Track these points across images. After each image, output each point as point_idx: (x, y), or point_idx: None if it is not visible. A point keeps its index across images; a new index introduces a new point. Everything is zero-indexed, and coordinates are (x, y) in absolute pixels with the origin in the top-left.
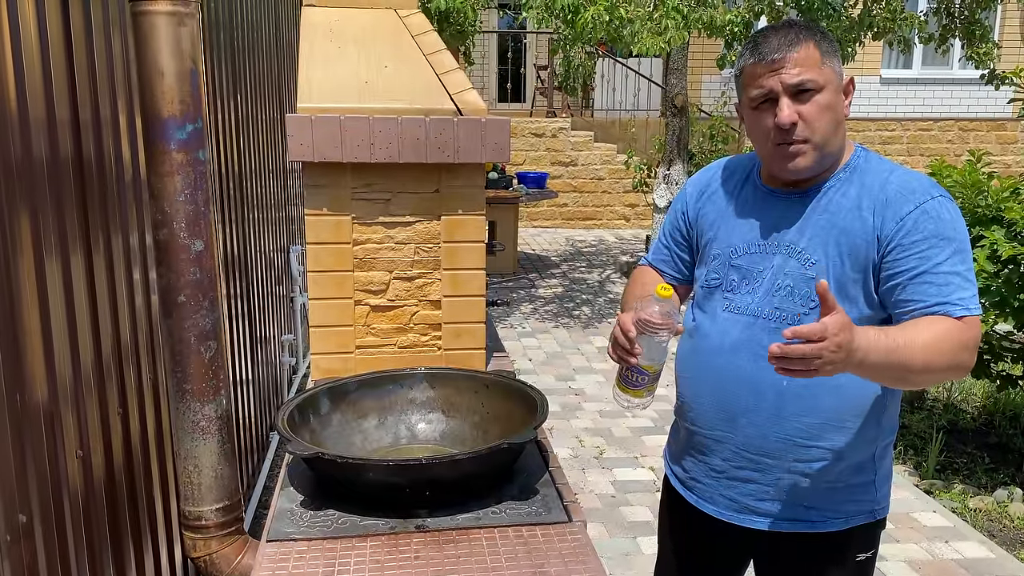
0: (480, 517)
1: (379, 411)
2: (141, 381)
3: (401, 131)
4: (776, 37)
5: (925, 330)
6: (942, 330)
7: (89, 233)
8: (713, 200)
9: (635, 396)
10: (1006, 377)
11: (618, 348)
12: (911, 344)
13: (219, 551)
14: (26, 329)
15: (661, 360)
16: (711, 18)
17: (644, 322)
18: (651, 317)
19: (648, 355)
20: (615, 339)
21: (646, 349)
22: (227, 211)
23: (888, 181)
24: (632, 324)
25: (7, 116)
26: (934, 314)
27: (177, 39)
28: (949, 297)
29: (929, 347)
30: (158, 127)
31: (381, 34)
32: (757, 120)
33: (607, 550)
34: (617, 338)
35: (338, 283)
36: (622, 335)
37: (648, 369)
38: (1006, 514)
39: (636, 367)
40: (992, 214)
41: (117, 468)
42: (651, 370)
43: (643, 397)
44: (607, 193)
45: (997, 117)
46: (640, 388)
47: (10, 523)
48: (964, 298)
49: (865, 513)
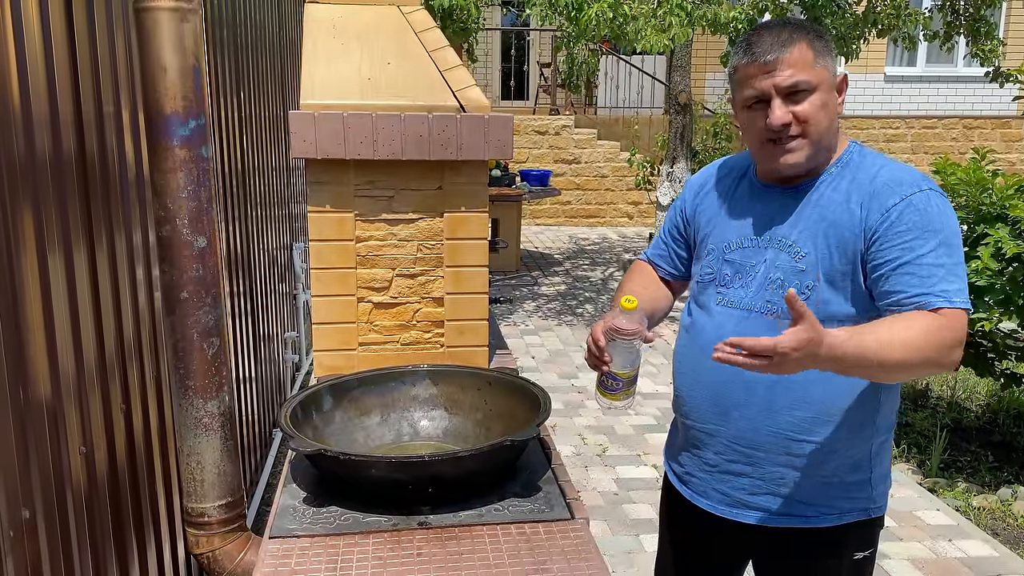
0: (483, 514)
1: (382, 408)
2: (144, 378)
3: (404, 128)
4: (769, 37)
5: (903, 329)
6: (920, 329)
7: (92, 229)
8: (710, 197)
9: (613, 400)
10: (1010, 375)
11: (591, 357)
12: (888, 345)
13: (222, 548)
14: (29, 325)
15: (634, 365)
16: (715, 15)
17: (613, 330)
18: (620, 325)
19: (619, 362)
20: (588, 347)
21: (617, 356)
22: (230, 208)
23: (877, 175)
24: (601, 333)
25: (10, 112)
26: (916, 305)
27: (180, 36)
28: (932, 288)
29: (907, 346)
30: (161, 123)
31: (384, 31)
32: (750, 119)
33: (610, 548)
34: (589, 347)
35: (341, 280)
36: (593, 344)
37: (621, 375)
38: (1010, 512)
39: (610, 373)
40: (996, 212)
41: (120, 464)
42: (624, 375)
43: (621, 400)
44: (610, 191)
45: (1002, 115)
46: (617, 392)
47: (14, 519)
48: (948, 291)
49: (860, 511)
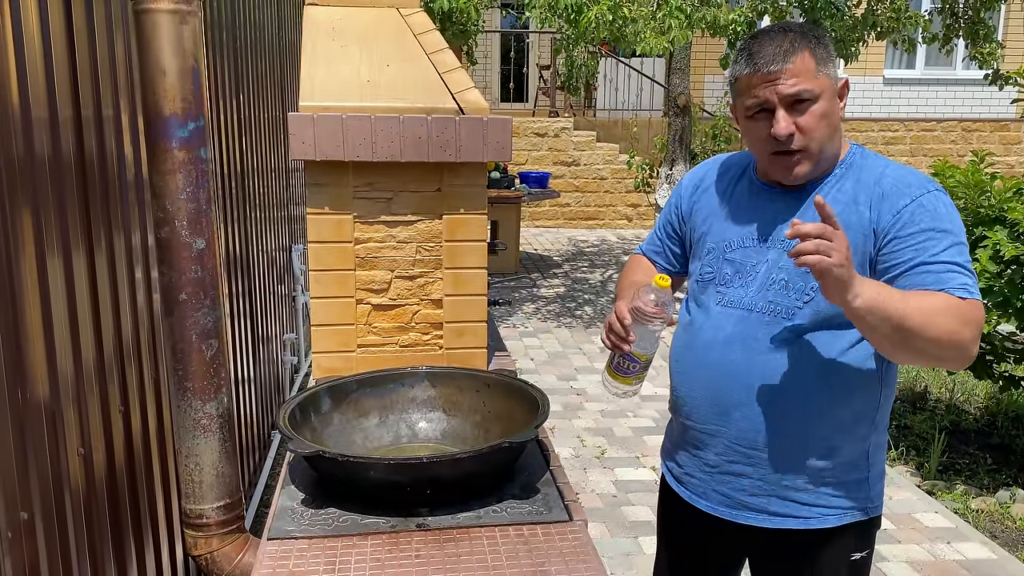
0: (481, 516)
1: (380, 410)
2: (142, 379)
3: (403, 130)
4: (771, 45)
5: (927, 296)
6: (943, 299)
7: (91, 231)
8: (708, 195)
9: (625, 383)
10: (1008, 378)
11: (612, 334)
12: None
13: (220, 549)
14: (28, 327)
15: (653, 349)
16: (714, 17)
17: (639, 310)
18: (646, 306)
19: (641, 343)
20: (610, 325)
21: (639, 337)
22: (229, 209)
23: (884, 176)
24: (628, 312)
25: (9, 114)
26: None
27: (179, 37)
28: (948, 284)
29: (928, 310)
30: (160, 125)
31: (383, 33)
32: (753, 128)
33: (608, 550)
34: (612, 324)
35: (340, 282)
36: (617, 322)
37: (640, 357)
38: (1008, 515)
39: (629, 354)
40: (995, 214)
41: (118, 466)
42: (642, 358)
43: (632, 384)
44: (609, 193)
45: (1000, 118)
46: (630, 376)
47: (11, 520)
48: (965, 284)
49: (859, 511)
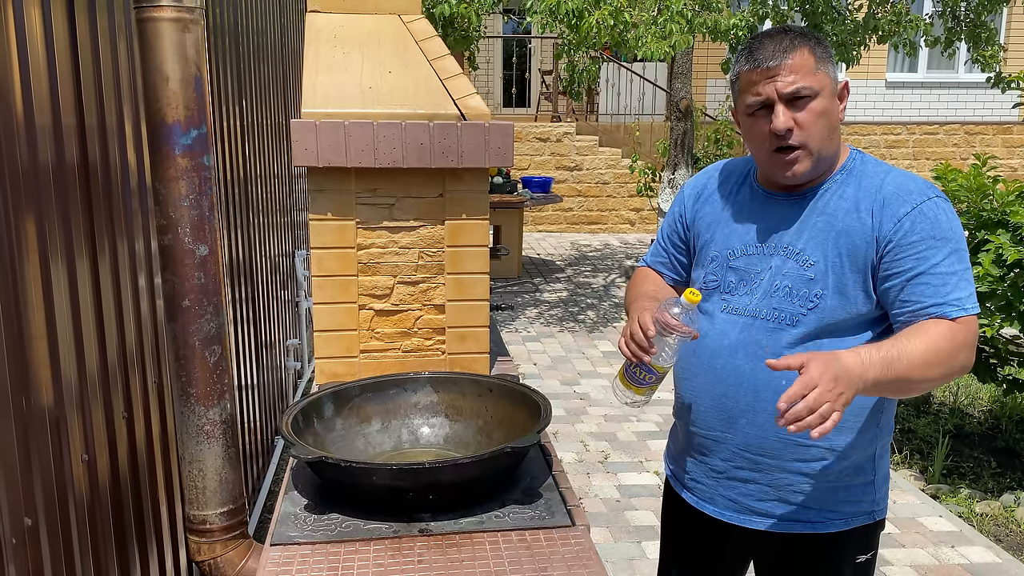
0: (483, 521)
1: (383, 415)
2: (146, 385)
3: (405, 136)
4: (771, 44)
5: (920, 338)
6: (937, 335)
7: (95, 238)
8: (710, 202)
9: (637, 393)
10: (1012, 381)
11: (632, 344)
12: (907, 354)
13: (223, 555)
14: (32, 334)
15: (671, 362)
16: (715, 22)
17: (664, 323)
18: (672, 320)
19: (661, 356)
20: (632, 335)
21: (660, 350)
22: (232, 216)
23: (884, 182)
24: (652, 323)
25: (14, 122)
26: (931, 315)
27: (182, 45)
28: (947, 297)
29: (927, 353)
30: (163, 133)
31: (385, 40)
32: (753, 126)
33: (612, 555)
34: (635, 334)
35: (342, 287)
36: (640, 332)
37: (658, 369)
38: (1013, 519)
39: (647, 366)
40: (998, 218)
41: (122, 472)
42: (660, 370)
43: (644, 395)
44: (612, 197)
45: (1003, 121)
46: (644, 387)
47: (16, 526)
48: (961, 298)
49: (864, 514)
